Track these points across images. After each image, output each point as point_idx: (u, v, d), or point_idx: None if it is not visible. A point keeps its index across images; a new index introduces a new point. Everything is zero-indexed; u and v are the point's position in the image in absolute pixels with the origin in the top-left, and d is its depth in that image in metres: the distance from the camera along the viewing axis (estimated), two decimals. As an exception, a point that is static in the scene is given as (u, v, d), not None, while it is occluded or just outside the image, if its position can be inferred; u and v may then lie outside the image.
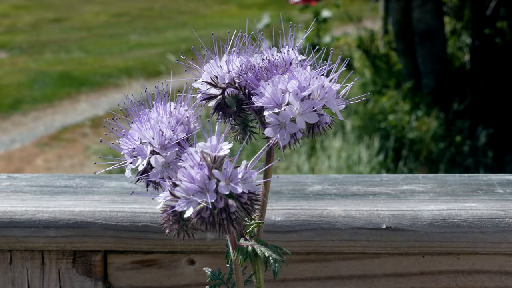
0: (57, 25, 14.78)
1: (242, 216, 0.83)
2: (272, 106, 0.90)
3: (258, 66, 0.95)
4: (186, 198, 0.81)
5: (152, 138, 0.92)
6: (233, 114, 0.96)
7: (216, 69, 0.96)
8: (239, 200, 0.82)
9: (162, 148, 0.91)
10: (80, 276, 1.21)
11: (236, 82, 0.95)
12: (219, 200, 0.81)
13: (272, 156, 0.96)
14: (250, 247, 0.91)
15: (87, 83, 9.53)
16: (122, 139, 0.95)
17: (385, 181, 1.34)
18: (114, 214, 1.18)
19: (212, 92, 0.96)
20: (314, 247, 1.17)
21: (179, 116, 0.95)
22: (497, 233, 1.14)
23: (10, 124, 7.84)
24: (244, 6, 17.06)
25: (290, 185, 1.32)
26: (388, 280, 1.20)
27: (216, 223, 0.82)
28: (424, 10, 7.08)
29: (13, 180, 1.36)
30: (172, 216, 0.85)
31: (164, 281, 1.22)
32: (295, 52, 0.98)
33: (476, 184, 1.31)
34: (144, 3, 17.55)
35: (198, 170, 0.81)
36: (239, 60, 0.96)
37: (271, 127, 0.89)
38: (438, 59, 7.16)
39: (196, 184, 0.81)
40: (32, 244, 1.19)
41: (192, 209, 0.80)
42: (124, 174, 0.96)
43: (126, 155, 0.94)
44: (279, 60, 0.96)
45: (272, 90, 0.90)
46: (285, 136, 0.89)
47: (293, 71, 0.92)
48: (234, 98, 0.95)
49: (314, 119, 0.89)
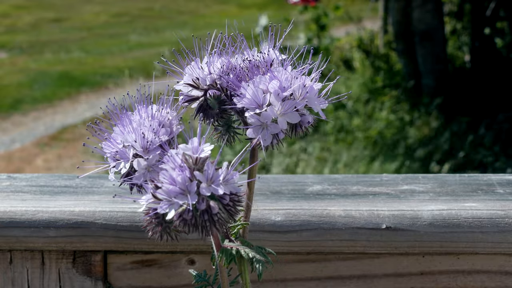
0: (57, 25, 14.78)
1: (224, 218, 0.83)
2: (254, 107, 0.90)
3: (239, 67, 0.95)
4: (168, 200, 0.81)
5: (135, 141, 0.91)
6: (216, 115, 0.96)
7: (197, 71, 0.96)
8: (221, 201, 0.82)
9: (145, 151, 0.91)
10: (80, 276, 1.21)
11: (218, 83, 0.95)
12: (200, 201, 0.80)
13: (255, 157, 0.96)
14: (234, 248, 0.91)
15: (87, 83, 9.52)
16: (105, 142, 0.95)
17: (385, 181, 1.34)
18: (114, 214, 1.18)
19: (194, 94, 0.96)
20: (314, 247, 1.17)
21: (161, 119, 0.95)
22: (497, 233, 1.14)
23: (10, 124, 7.84)
24: (243, 6, 17.06)
25: (290, 185, 1.32)
26: (388, 280, 1.20)
27: (199, 224, 0.81)
28: (424, 10, 7.08)
29: (13, 180, 1.36)
30: (155, 219, 0.85)
31: (164, 281, 1.22)
32: (275, 52, 0.97)
33: (476, 184, 1.31)
34: (144, 3, 17.55)
35: (179, 172, 0.81)
36: (220, 61, 0.96)
37: (253, 128, 0.90)
38: (438, 59, 7.16)
39: (177, 186, 0.81)
40: (32, 244, 1.19)
41: (174, 211, 0.80)
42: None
43: (109, 159, 0.94)
44: (260, 60, 0.96)
45: (253, 91, 0.90)
46: (266, 137, 0.89)
47: (274, 71, 0.92)
48: (216, 99, 0.95)
49: (296, 119, 0.89)
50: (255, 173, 0.98)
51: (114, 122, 0.96)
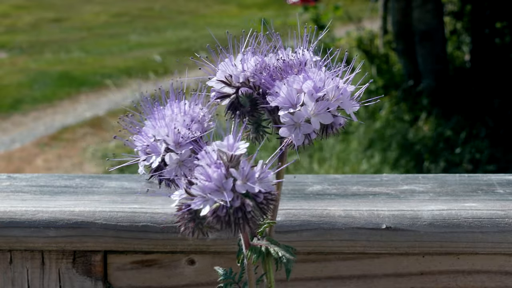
0: (57, 25, 14.78)
1: (257, 216, 0.82)
2: (287, 106, 0.90)
3: (272, 66, 0.95)
4: (203, 196, 0.81)
5: (167, 136, 0.91)
6: (247, 113, 0.96)
7: (230, 68, 0.96)
8: (255, 199, 0.82)
9: (177, 146, 0.91)
10: (80, 276, 1.21)
11: (251, 81, 0.95)
12: (235, 199, 0.80)
13: (285, 156, 0.97)
14: (263, 246, 0.91)
15: (87, 83, 9.53)
16: (136, 135, 0.95)
17: (385, 181, 1.34)
18: (114, 214, 1.18)
19: (226, 91, 0.97)
20: (314, 247, 1.17)
21: (194, 115, 0.95)
22: (497, 233, 1.14)
23: (10, 124, 7.84)
24: (244, 6, 17.06)
25: (290, 185, 1.32)
26: (388, 280, 1.20)
27: (232, 222, 0.81)
28: (424, 10, 7.08)
29: (13, 180, 1.36)
30: (188, 215, 0.84)
31: (164, 281, 1.22)
32: (310, 52, 0.98)
33: (476, 184, 1.31)
34: (144, 3, 17.55)
35: (215, 169, 0.81)
36: (254, 59, 0.96)
37: (286, 127, 0.90)
38: (438, 59, 7.16)
39: (213, 182, 0.81)
40: (32, 244, 1.19)
41: (208, 208, 0.80)
42: (124, 174, 0.96)
43: (139, 152, 0.94)
44: (294, 60, 0.96)
45: (287, 90, 0.90)
46: (299, 137, 0.89)
47: (308, 71, 0.92)
48: (248, 97, 0.95)
49: (328, 120, 0.89)
50: (283, 173, 0.98)
51: (146, 116, 0.96)
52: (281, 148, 0.92)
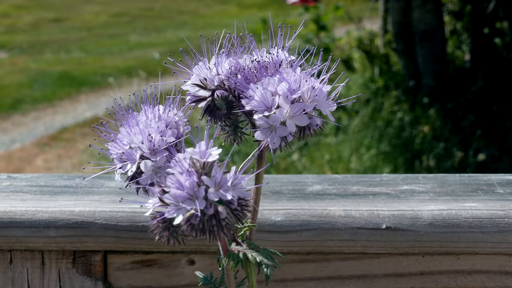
0: (57, 25, 14.78)
1: (232, 222, 0.82)
2: (262, 109, 0.89)
3: (247, 68, 0.94)
4: (176, 205, 0.80)
5: (141, 143, 0.90)
6: (223, 116, 0.95)
7: (205, 71, 0.95)
8: (229, 206, 0.82)
9: (152, 153, 0.90)
10: (80, 276, 1.21)
11: (226, 84, 0.94)
12: (208, 207, 0.80)
13: (263, 160, 0.96)
14: (241, 252, 0.90)
15: (87, 83, 9.52)
16: (111, 143, 0.94)
17: (385, 181, 1.34)
18: (114, 214, 1.18)
19: (202, 94, 0.96)
20: (314, 247, 1.17)
21: (168, 120, 0.94)
22: (497, 233, 1.14)
23: (10, 124, 7.84)
24: (244, 6, 17.06)
25: (290, 185, 1.32)
26: (388, 280, 1.20)
27: (206, 229, 0.81)
28: (424, 10, 7.08)
29: (13, 180, 1.36)
30: (162, 223, 0.84)
31: (164, 281, 1.22)
32: (284, 52, 0.97)
33: (476, 184, 1.31)
34: (144, 3, 17.55)
35: (187, 177, 0.81)
36: (228, 61, 0.95)
37: (261, 131, 0.89)
38: (438, 59, 7.16)
39: (185, 191, 0.80)
40: (32, 244, 1.19)
41: (181, 216, 0.80)
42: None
43: (115, 160, 0.93)
44: (268, 61, 0.95)
45: (262, 93, 0.89)
46: (275, 140, 0.88)
47: (282, 73, 0.91)
48: (224, 100, 0.94)
49: (304, 121, 0.89)
50: (262, 177, 0.97)
51: (120, 122, 0.95)
52: (255, 152, 0.92)
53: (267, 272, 0.88)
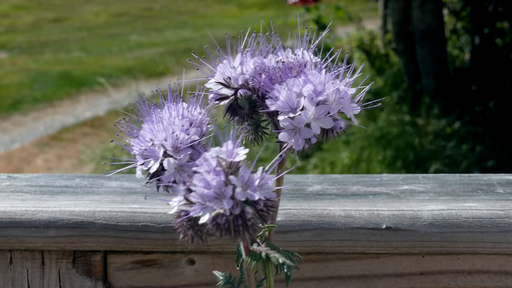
0: (57, 25, 14.78)
1: (257, 223, 0.81)
2: (287, 111, 0.88)
3: (272, 68, 0.93)
4: (202, 204, 0.80)
5: (165, 140, 0.90)
6: (246, 115, 0.94)
7: (229, 70, 0.94)
8: (255, 206, 0.81)
9: (175, 151, 0.89)
10: (80, 276, 1.21)
11: (250, 83, 0.93)
12: (235, 206, 0.79)
13: (284, 161, 0.95)
14: (263, 253, 0.90)
15: (87, 83, 9.53)
16: (133, 139, 0.92)
17: (385, 181, 1.34)
18: (114, 214, 1.18)
19: (225, 92, 0.95)
20: (314, 247, 1.17)
21: (192, 118, 0.93)
22: (497, 233, 1.14)
23: (10, 124, 7.84)
24: (244, 6, 17.06)
25: (290, 185, 1.32)
26: (388, 280, 1.20)
27: (232, 229, 0.80)
28: (424, 10, 7.08)
29: (13, 180, 1.36)
30: (187, 222, 0.83)
31: (164, 281, 1.22)
32: (309, 54, 0.96)
33: (476, 184, 1.31)
34: (144, 3, 17.55)
35: (214, 176, 0.80)
36: (253, 61, 0.94)
37: (286, 132, 0.88)
38: (438, 59, 7.16)
39: (212, 190, 0.79)
40: (32, 244, 1.19)
41: (208, 215, 0.79)
42: (124, 174, 0.95)
43: (137, 156, 0.92)
44: (293, 62, 0.94)
45: (287, 94, 0.88)
46: (300, 142, 0.87)
47: (307, 74, 0.90)
48: (247, 99, 0.93)
49: (329, 124, 0.87)
50: (283, 180, 0.96)
51: (143, 118, 0.94)
52: (280, 154, 0.91)
53: (289, 273, 0.88)
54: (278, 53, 0.96)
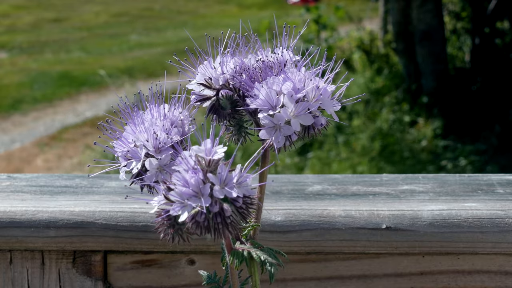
0: (57, 25, 14.78)
1: (237, 220, 0.82)
2: (267, 108, 0.89)
3: (252, 68, 0.94)
4: (181, 202, 0.80)
5: (147, 141, 0.91)
6: (228, 115, 0.95)
7: (210, 71, 0.95)
8: (234, 204, 0.81)
9: (157, 151, 0.91)
10: (80, 276, 1.21)
11: (230, 83, 0.94)
12: (214, 204, 0.80)
13: (267, 159, 0.96)
14: (245, 251, 0.90)
15: (87, 83, 9.53)
16: (116, 141, 0.94)
17: (385, 181, 1.34)
18: (114, 214, 1.18)
19: (206, 93, 0.96)
20: (314, 247, 1.17)
21: (173, 118, 0.94)
22: (497, 233, 1.14)
23: (10, 124, 7.84)
24: (244, 6, 17.06)
25: (290, 185, 1.32)
26: (388, 280, 1.20)
27: (211, 227, 0.81)
28: (424, 10, 7.08)
29: (13, 180, 1.36)
30: (167, 221, 0.84)
31: (164, 281, 1.22)
32: (289, 52, 0.97)
33: (476, 184, 1.31)
34: (144, 3, 17.55)
35: (193, 174, 0.81)
36: (233, 61, 0.95)
37: (266, 130, 0.89)
38: (438, 59, 7.16)
39: (190, 188, 0.80)
40: (32, 244, 1.19)
41: (187, 214, 0.80)
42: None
43: (120, 158, 0.93)
44: (273, 61, 0.96)
45: (267, 92, 0.89)
46: (279, 139, 0.88)
47: (287, 72, 0.91)
48: (229, 99, 0.94)
49: (309, 121, 0.89)
50: (266, 176, 0.97)
51: (126, 121, 0.95)
52: (259, 151, 0.92)
53: (272, 270, 0.88)
54: (258, 52, 0.97)
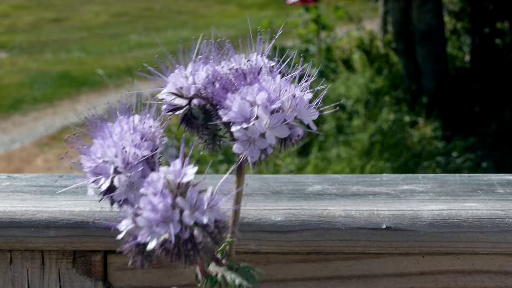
0: (57, 25, 14.78)
1: (209, 245, 0.77)
2: (240, 121, 0.83)
3: (225, 76, 0.89)
4: (149, 227, 0.75)
5: (115, 156, 0.84)
6: (201, 126, 0.89)
7: (181, 80, 0.89)
8: (206, 229, 0.77)
9: (126, 168, 0.84)
10: (80, 276, 1.21)
11: (203, 93, 0.89)
12: (183, 230, 0.75)
13: (242, 175, 0.91)
14: (219, 274, 0.86)
15: (87, 83, 9.53)
16: (83, 156, 0.87)
17: (385, 181, 1.34)
18: (114, 214, 1.18)
19: (178, 103, 0.90)
20: (314, 247, 1.17)
21: (144, 131, 0.87)
22: (497, 233, 1.14)
23: (10, 124, 7.85)
24: (244, 6, 17.06)
25: (290, 185, 1.32)
26: (388, 280, 1.20)
27: (182, 254, 0.76)
28: (424, 10, 7.08)
29: (13, 180, 1.36)
30: (135, 247, 0.79)
31: (164, 281, 1.22)
32: (263, 59, 0.91)
33: (476, 184, 1.31)
34: (144, 3, 17.55)
35: (161, 199, 0.75)
36: (205, 69, 0.89)
37: (240, 143, 0.83)
38: (438, 59, 7.16)
39: (159, 214, 0.75)
40: (32, 244, 1.19)
41: (155, 241, 0.75)
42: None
43: (88, 174, 0.87)
44: (247, 68, 0.90)
45: (240, 103, 0.83)
46: (254, 153, 0.83)
47: (261, 81, 0.86)
48: (201, 109, 0.89)
49: (285, 133, 0.83)
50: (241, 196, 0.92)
51: (94, 134, 0.88)
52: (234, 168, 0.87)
53: None
54: (231, 59, 0.91)
